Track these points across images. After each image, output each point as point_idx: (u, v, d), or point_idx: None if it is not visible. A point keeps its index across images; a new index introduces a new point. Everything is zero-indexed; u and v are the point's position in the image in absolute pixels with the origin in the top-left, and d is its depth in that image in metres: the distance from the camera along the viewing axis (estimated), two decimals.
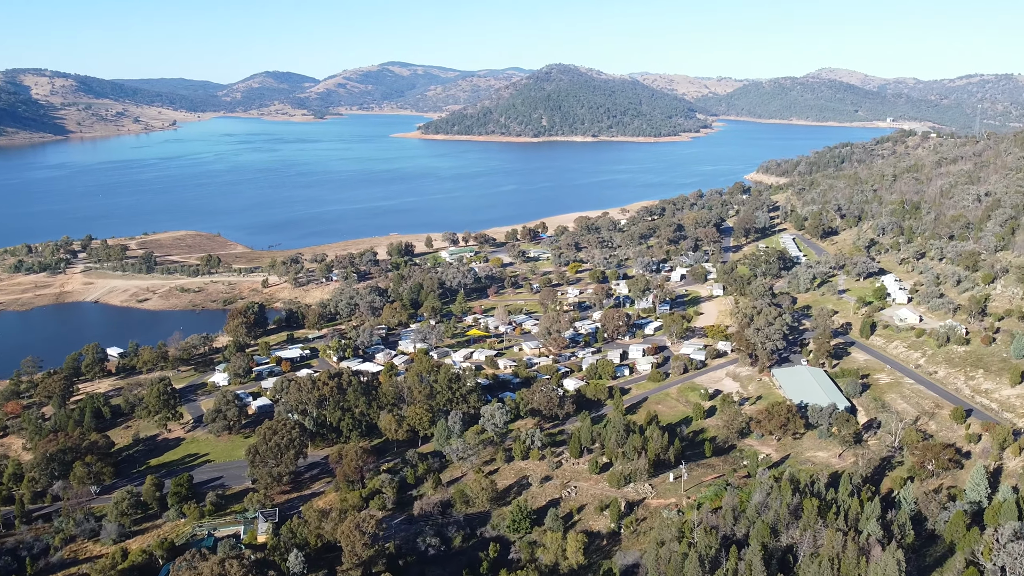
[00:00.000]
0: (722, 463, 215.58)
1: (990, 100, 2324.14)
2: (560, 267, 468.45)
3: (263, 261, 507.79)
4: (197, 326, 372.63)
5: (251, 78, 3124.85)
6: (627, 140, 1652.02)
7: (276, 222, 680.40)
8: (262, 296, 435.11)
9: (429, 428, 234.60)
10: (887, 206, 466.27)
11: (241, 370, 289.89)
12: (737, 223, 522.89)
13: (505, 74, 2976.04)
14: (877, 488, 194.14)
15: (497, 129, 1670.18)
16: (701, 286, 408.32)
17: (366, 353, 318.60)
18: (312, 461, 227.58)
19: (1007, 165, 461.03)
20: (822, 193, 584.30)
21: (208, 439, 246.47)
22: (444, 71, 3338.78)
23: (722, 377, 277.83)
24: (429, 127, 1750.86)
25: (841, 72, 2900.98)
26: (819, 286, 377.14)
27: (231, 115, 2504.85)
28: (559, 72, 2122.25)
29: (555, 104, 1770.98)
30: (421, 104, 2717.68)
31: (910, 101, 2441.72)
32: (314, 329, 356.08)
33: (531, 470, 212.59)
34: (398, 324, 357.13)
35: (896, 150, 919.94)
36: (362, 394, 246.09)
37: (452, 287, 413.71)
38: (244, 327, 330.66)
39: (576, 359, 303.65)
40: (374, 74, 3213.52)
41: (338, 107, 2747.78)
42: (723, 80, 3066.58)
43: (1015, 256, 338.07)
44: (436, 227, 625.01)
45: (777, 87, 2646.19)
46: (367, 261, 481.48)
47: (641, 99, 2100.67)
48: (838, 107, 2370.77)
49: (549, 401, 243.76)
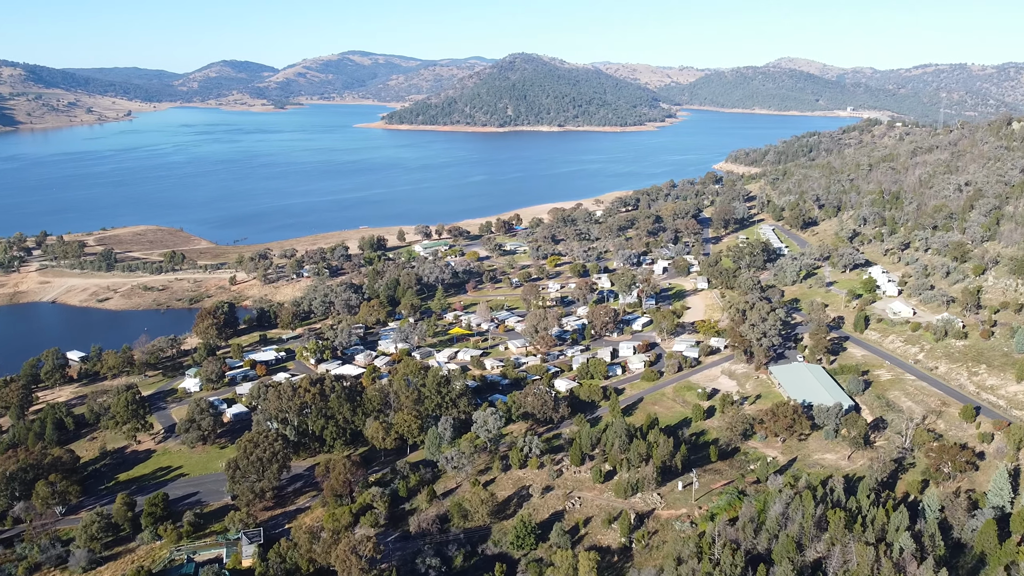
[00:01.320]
0: (728, 468, 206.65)
1: (946, 89, 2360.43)
2: (538, 261, 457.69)
3: (229, 257, 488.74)
4: (163, 327, 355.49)
5: (208, 67, 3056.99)
6: (594, 130, 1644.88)
7: (241, 215, 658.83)
8: (230, 294, 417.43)
9: (419, 436, 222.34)
10: (866, 196, 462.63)
11: (213, 375, 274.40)
12: (715, 214, 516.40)
13: (467, 63, 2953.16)
14: (892, 492, 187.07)
15: (462, 119, 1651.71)
16: (684, 279, 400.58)
17: (345, 354, 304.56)
18: (295, 473, 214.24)
19: (984, 154, 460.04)
20: (797, 183, 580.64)
21: (181, 450, 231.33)
22: (405, 60, 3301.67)
23: (718, 375, 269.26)
24: (393, 117, 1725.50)
25: (800, 62, 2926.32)
26: (805, 278, 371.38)
27: (188, 105, 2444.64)
28: (523, 61, 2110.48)
29: (520, 94, 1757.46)
30: (383, 94, 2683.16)
31: (868, 90, 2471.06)
32: (288, 329, 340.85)
33: (530, 479, 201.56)
34: (376, 322, 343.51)
35: (863, 139, 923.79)
36: (346, 400, 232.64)
37: (430, 283, 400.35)
38: (214, 328, 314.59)
39: (565, 358, 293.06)
40: (334, 63, 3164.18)
41: (298, 97, 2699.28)
42: (685, 69, 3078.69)
43: (1003, 247, 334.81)
44: (407, 219, 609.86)
45: (739, 76, 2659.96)
46: (339, 256, 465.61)
47: (606, 89, 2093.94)
48: (799, 96, 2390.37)
49: (543, 405, 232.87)
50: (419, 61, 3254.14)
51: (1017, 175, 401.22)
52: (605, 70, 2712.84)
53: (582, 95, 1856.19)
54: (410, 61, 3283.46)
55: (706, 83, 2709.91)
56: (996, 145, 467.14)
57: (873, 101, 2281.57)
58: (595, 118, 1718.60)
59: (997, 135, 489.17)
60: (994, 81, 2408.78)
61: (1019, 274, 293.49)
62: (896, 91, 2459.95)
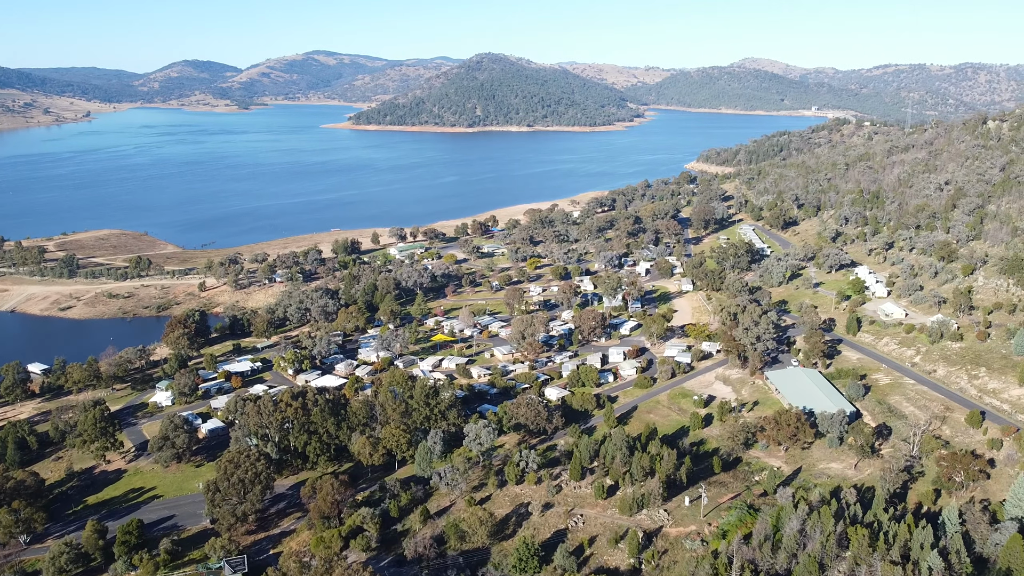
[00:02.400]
0: (732, 479, 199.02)
1: (907, 89, 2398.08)
2: (518, 263, 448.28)
3: (198, 262, 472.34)
4: (130, 336, 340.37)
5: (169, 67, 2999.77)
6: (563, 130, 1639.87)
7: (208, 218, 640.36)
8: (200, 301, 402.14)
9: (408, 450, 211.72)
10: (846, 196, 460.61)
11: (186, 388, 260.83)
12: (694, 214, 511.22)
13: (434, 63, 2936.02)
14: (905, 503, 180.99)
15: (431, 119, 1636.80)
16: (668, 281, 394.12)
17: (324, 364, 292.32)
18: (277, 492, 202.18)
19: (961, 153, 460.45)
20: (774, 182, 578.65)
21: (154, 470, 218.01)
22: (371, 60, 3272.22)
23: (712, 381, 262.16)
24: (360, 117, 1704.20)
25: (764, 62, 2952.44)
26: (790, 279, 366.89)
27: (149, 106, 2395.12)
28: (490, 61, 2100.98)
29: (489, 94, 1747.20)
30: (349, 94, 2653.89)
31: (832, 90, 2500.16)
32: (262, 337, 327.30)
33: (528, 496, 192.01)
34: (355, 329, 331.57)
35: (832, 138, 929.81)
36: (329, 414, 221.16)
37: (408, 287, 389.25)
38: (186, 338, 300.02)
39: (554, 364, 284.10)
40: (299, 63, 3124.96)
41: (263, 97, 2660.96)
42: (651, 69, 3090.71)
43: (989, 246, 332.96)
44: (380, 221, 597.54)
45: (705, 76, 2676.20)
46: (312, 260, 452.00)
47: (573, 88, 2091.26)
48: (765, 96, 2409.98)
49: (537, 415, 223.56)
50: (385, 61, 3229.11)
51: (997, 174, 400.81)
52: (572, 70, 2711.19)
53: (550, 95, 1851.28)
54: (376, 61, 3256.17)
55: (672, 83, 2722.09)
56: (973, 144, 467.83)
57: (837, 101, 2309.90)
58: (564, 118, 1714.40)
59: (973, 134, 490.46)
60: (952, 81, 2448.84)
61: (1010, 274, 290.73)
62: (859, 91, 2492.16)
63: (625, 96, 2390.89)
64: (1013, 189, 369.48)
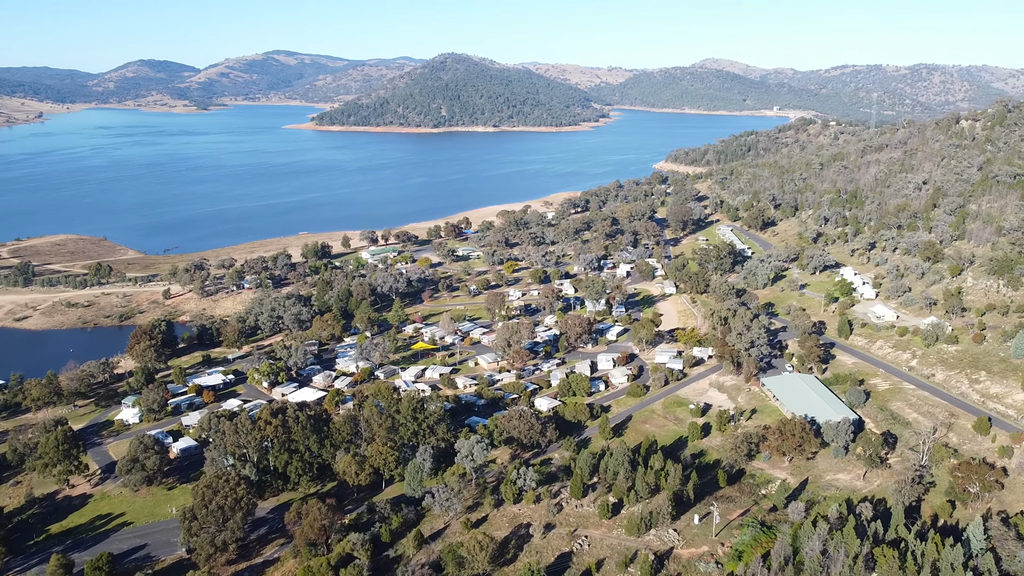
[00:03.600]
0: (739, 493, 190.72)
1: (864, 90, 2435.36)
2: (495, 266, 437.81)
3: (161, 268, 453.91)
4: (91, 348, 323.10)
5: (124, 67, 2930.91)
6: (529, 130, 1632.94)
7: (170, 222, 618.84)
8: (164, 309, 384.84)
9: (396, 469, 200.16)
10: (824, 196, 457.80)
11: (155, 404, 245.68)
12: (671, 215, 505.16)
13: (396, 63, 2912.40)
14: (919, 516, 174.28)
15: (396, 120, 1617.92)
16: (650, 283, 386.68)
17: (301, 375, 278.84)
18: (257, 516, 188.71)
19: (937, 152, 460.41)
20: (748, 182, 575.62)
21: (123, 494, 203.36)
22: (332, 60, 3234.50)
23: (706, 388, 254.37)
24: (324, 118, 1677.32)
25: (724, 63, 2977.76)
26: (774, 281, 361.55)
27: (105, 106, 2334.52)
28: (454, 61, 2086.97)
29: (454, 94, 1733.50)
30: (311, 94, 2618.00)
31: (792, 91, 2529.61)
32: (234, 347, 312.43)
33: (528, 516, 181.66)
34: (331, 338, 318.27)
35: (799, 138, 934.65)
36: (311, 431, 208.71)
37: (383, 293, 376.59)
38: (152, 350, 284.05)
39: (541, 373, 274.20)
40: (259, 63, 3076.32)
41: (222, 97, 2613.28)
42: (614, 70, 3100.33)
43: (974, 246, 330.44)
44: (349, 224, 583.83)
45: (668, 77, 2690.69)
46: (282, 265, 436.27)
47: (538, 89, 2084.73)
48: (727, 96, 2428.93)
49: (530, 429, 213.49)
50: (346, 61, 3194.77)
51: (975, 173, 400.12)
52: (535, 70, 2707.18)
53: (516, 95, 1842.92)
54: (337, 61, 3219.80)
55: (636, 83, 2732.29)
56: (947, 143, 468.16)
57: (797, 101, 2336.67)
58: (530, 118, 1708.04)
59: (947, 133, 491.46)
60: (908, 81, 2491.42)
61: (999, 275, 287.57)
62: (818, 91, 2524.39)
63: (589, 96, 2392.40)
64: (993, 188, 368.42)
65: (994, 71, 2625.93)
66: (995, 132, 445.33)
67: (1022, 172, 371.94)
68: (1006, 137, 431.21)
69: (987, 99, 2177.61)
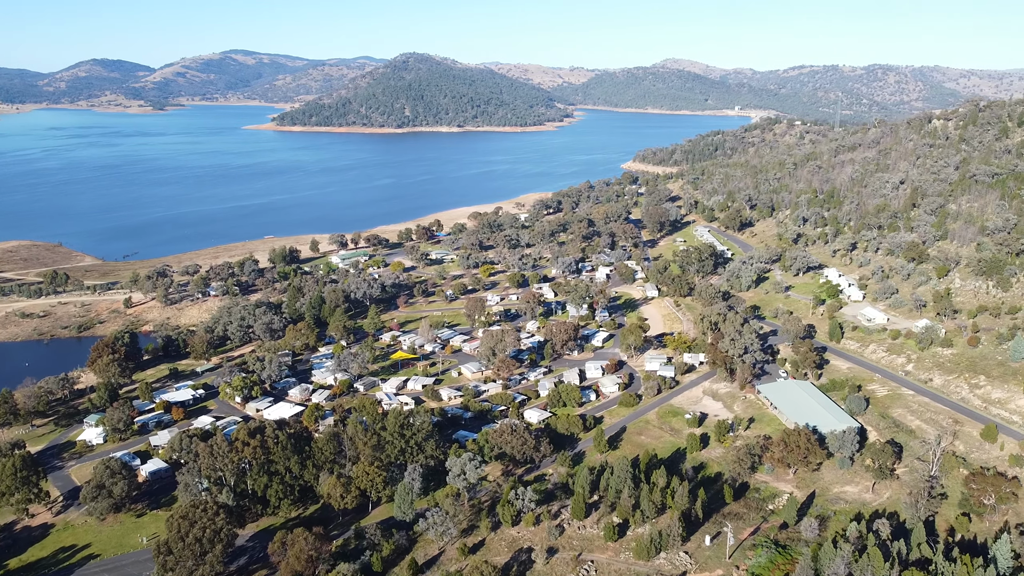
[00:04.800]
0: (745, 509, 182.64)
1: (823, 89, 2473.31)
2: (470, 270, 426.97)
3: (121, 275, 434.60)
4: (48, 362, 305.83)
5: (77, 66, 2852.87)
6: (494, 130, 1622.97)
7: (129, 227, 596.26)
8: (126, 319, 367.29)
9: (385, 490, 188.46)
10: (801, 196, 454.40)
11: (120, 423, 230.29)
12: (647, 216, 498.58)
13: (357, 63, 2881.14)
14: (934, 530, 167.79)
15: (358, 120, 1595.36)
16: (631, 287, 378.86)
17: (275, 389, 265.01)
18: (235, 545, 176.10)
19: (911, 152, 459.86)
20: (722, 183, 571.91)
21: (88, 523, 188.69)
22: (292, 60, 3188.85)
23: (700, 396, 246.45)
24: (284, 118, 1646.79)
25: (685, 62, 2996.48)
26: (757, 283, 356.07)
27: (56, 107, 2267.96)
28: (416, 61, 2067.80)
29: (417, 94, 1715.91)
30: (270, 94, 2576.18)
31: (752, 90, 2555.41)
32: (202, 359, 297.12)
33: (528, 540, 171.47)
34: (304, 348, 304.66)
35: (765, 137, 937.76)
36: (292, 452, 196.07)
37: (357, 299, 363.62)
38: (116, 364, 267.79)
39: (528, 382, 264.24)
40: (216, 62, 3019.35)
41: (178, 97, 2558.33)
42: (576, 70, 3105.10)
43: (958, 246, 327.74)
44: (315, 227, 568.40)
45: (630, 77, 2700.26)
46: (249, 271, 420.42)
47: (502, 89, 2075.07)
48: (689, 96, 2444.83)
49: (523, 444, 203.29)
50: (306, 61, 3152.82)
51: (952, 173, 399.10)
52: (497, 70, 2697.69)
53: (479, 95, 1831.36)
54: (297, 61, 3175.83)
55: (598, 83, 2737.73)
56: (921, 143, 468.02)
57: (758, 100, 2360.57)
58: (494, 118, 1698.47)
59: (919, 133, 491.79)
60: (864, 81, 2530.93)
61: (988, 275, 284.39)
62: (778, 91, 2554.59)
63: (552, 96, 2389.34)
64: (972, 188, 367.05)
65: (945, 71, 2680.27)
66: (968, 131, 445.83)
67: (1000, 172, 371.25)
68: (980, 136, 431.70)
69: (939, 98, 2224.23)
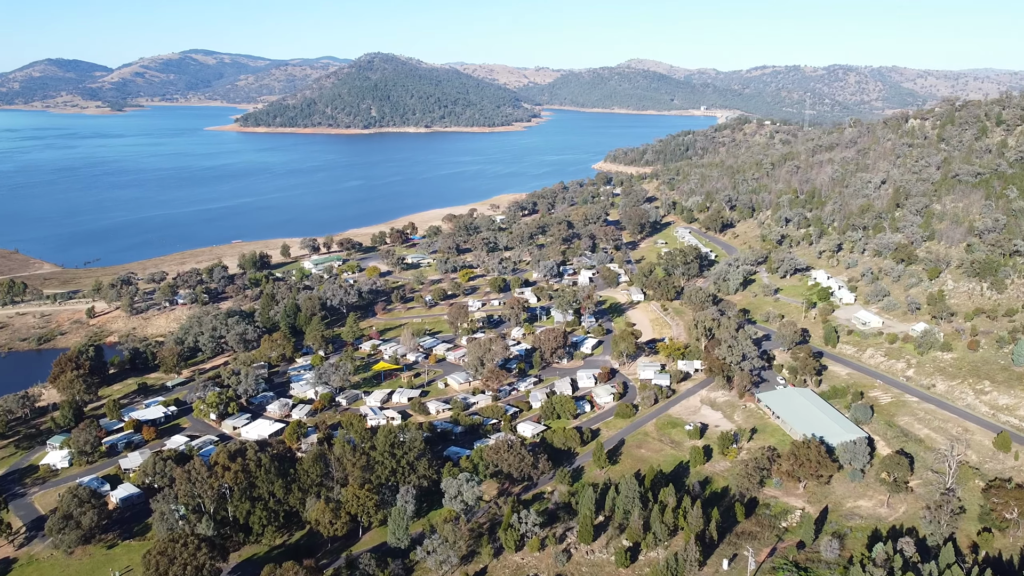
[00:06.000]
0: (758, 527, 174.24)
1: (785, 89, 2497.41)
2: (448, 274, 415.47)
3: (83, 283, 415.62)
4: (7, 378, 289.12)
5: (30, 66, 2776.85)
6: (462, 131, 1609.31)
7: (90, 232, 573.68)
8: (89, 330, 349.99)
9: (377, 514, 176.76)
10: (782, 196, 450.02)
11: (87, 445, 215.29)
12: (627, 218, 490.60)
13: (321, 63, 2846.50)
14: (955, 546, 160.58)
15: (324, 121, 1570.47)
16: (615, 291, 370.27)
17: (252, 404, 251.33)
18: None
19: (890, 151, 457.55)
20: (699, 183, 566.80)
21: (54, 558, 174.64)
22: (254, 60, 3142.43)
23: (698, 405, 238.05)
24: (248, 119, 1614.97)
25: (649, 63, 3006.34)
26: (744, 286, 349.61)
27: (9, 108, 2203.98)
28: (382, 61, 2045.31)
29: (383, 94, 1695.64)
30: (232, 95, 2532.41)
31: (717, 91, 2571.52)
32: (172, 373, 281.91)
33: (534, 567, 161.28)
34: (281, 359, 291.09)
35: (735, 137, 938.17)
36: (276, 475, 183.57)
37: (333, 306, 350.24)
38: (80, 380, 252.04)
39: (519, 393, 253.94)
40: (176, 62, 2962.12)
41: (137, 98, 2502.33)
42: (541, 70, 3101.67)
43: (945, 247, 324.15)
44: (284, 230, 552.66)
45: (596, 77, 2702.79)
46: (219, 278, 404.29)
47: (468, 89, 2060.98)
48: (655, 96, 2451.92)
49: (521, 461, 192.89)
50: (268, 61, 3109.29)
51: (934, 172, 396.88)
52: (463, 70, 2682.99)
53: (446, 95, 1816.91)
54: (259, 61, 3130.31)
55: (564, 83, 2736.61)
56: (899, 142, 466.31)
57: (723, 100, 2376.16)
58: (462, 118, 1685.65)
59: (897, 132, 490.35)
60: (825, 81, 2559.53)
61: (982, 277, 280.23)
62: (742, 91, 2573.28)
63: (519, 97, 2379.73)
64: (956, 188, 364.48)
65: (903, 72, 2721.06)
66: (947, 131, 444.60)
67: (983, 171, 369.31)
68: (959, 136, 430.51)
69: (899, 98, 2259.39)
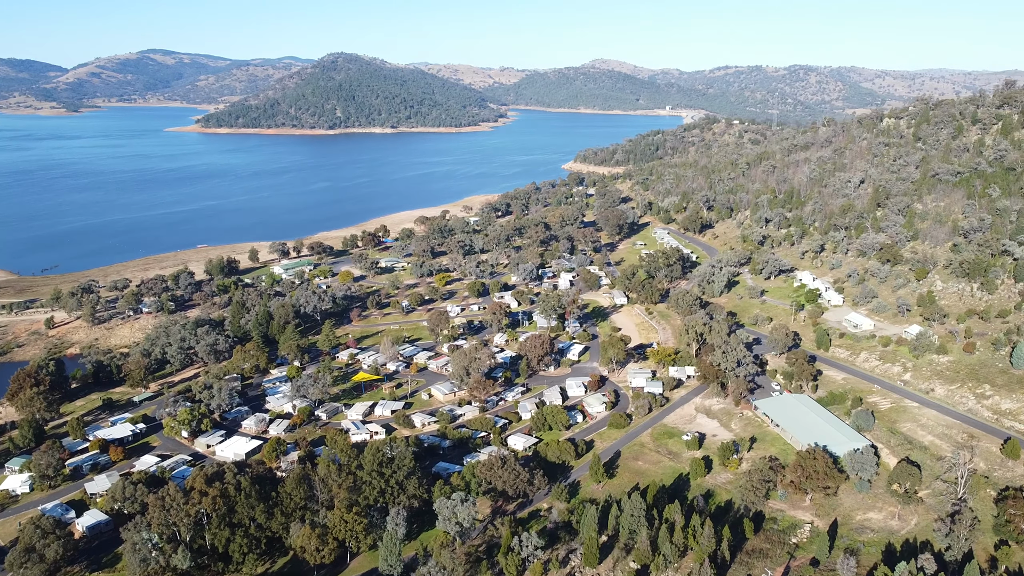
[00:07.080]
0: (767, 543, 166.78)
1: (748, 89, 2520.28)
2: (424, 278, 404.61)
3: (40, 291, 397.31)
4: None
5: None
6: (429, 131, 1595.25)
7: (47, 237, 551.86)
8: (49, 341, 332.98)
9: (366, 538, 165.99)
10: (760, 196, 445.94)
11: (49, 468, 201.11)
12: (604, 219, 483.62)
13: (283, 63, 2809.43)
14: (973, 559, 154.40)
15: (288, 121, 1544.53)
16: (596, 294, 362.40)
17: (226, 420, 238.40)
18: None
19: (867, 151, 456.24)
20: (674, 183, 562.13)
21: None
22: (214, 60, 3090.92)
23: (693, 414, 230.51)
24: (210, 120, 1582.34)
25: (613, 63, 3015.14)
26: (729, 287, 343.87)
27: None
28: (345, 61, 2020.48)
29: (348, 94, 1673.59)
30: (192, 95, 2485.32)
31: (681, 90, 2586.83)
32: (139, 387, 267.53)
33: None
34: (255, 370, 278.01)
35: (704, 137, 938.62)
36: (257, 499, 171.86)
37: (307, 313, 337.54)
38: (41, 397, 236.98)
39: (507, 403, 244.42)
40: (133, 62, 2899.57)
41: (94, 99, 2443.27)
42: (506, 70, 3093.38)
43: (930, 247, 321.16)
44: (251, 234, 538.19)
45: (561, 77, 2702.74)
46: (185, 285, 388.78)
47: (434, 89, 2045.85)
48: (620, 96, 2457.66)
49: (516, 478, 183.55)
50: (229, 61, 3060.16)
51: (913, 171, 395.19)
52: (427, 70, 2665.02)
53: (412, 95, 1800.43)
54: (219, 61, 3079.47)
55: (530, 83, 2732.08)
56: (876, 141, 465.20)
57: (687, 100, 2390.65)
58: (428, 119, 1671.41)
59: (872, 132, 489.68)
60: (787, 81, 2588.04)
61: (971, 277, 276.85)
62: (706, 91, 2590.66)
63: (485, 97, 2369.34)
64: (936, 187, 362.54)
65: (861, 72, 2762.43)
66: (923, 130, 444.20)
67: (963, 170, 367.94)
68: (936, 135, 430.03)
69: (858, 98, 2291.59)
